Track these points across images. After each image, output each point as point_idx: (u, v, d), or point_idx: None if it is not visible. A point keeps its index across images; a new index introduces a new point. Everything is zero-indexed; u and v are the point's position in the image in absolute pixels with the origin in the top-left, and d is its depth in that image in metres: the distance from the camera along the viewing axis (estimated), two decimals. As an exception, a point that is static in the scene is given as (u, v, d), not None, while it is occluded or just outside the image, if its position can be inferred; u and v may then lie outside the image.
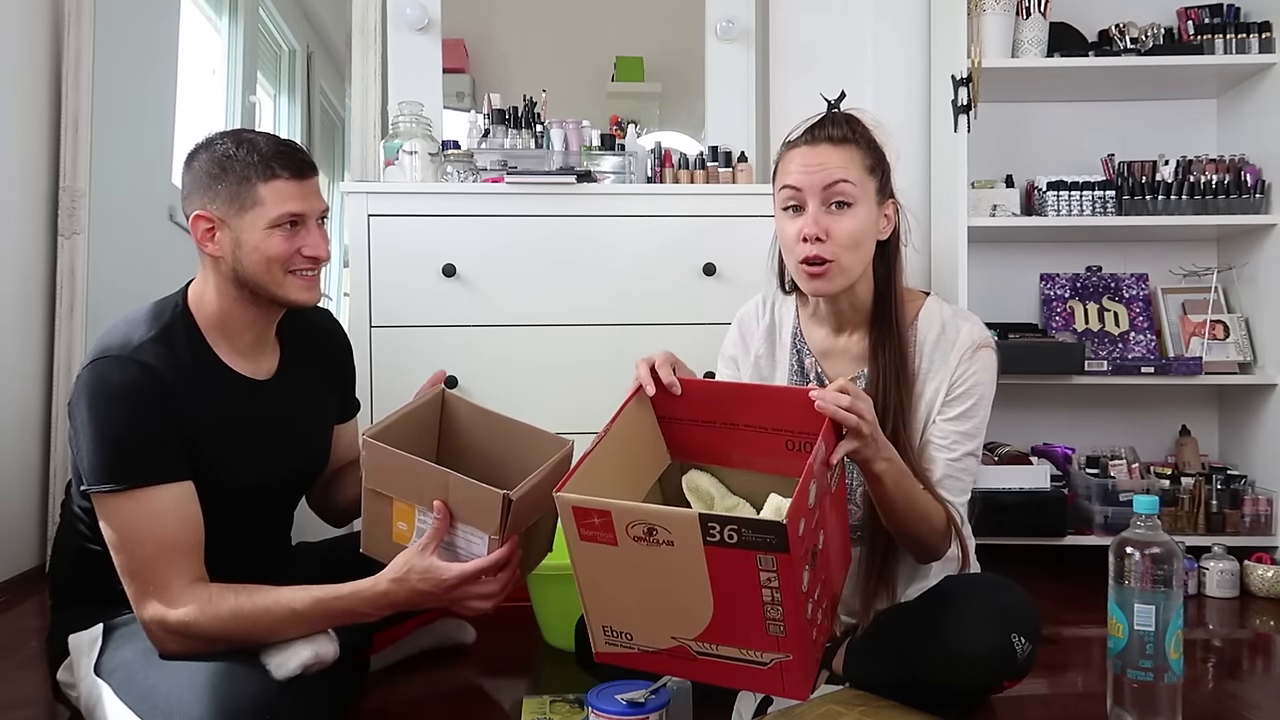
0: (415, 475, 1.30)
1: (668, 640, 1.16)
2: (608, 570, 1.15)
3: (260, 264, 1.34)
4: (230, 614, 1.24)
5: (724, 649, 1.14)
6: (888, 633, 1.37)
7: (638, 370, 1.33)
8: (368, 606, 1.29)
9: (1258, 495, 2.35)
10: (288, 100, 4.24)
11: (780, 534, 1.03)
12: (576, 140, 2.37)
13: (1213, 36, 2.42)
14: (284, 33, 4.15)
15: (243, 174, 1.33)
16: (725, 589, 1.09)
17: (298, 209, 1.35)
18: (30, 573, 2.33)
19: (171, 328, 1.35)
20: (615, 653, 1.21)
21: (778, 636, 1.09)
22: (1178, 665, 1.32)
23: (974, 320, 1.43)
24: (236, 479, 1.38)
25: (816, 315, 1.49)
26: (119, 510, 1.25)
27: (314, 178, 1.40)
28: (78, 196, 2.47)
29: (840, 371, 1.47)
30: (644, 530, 1.09)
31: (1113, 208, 2.44)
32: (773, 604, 1.07)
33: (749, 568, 1.06)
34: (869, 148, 1.38)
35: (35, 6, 2.43)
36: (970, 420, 1.39)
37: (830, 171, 1.33)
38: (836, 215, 1.33)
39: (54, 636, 1.41)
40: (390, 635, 1.69)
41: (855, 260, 1.36)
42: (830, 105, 1.43)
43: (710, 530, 1.06)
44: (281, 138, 1.39)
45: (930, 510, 1.33)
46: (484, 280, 2.17)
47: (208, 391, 1.35)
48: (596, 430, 1.26)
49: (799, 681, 1.13)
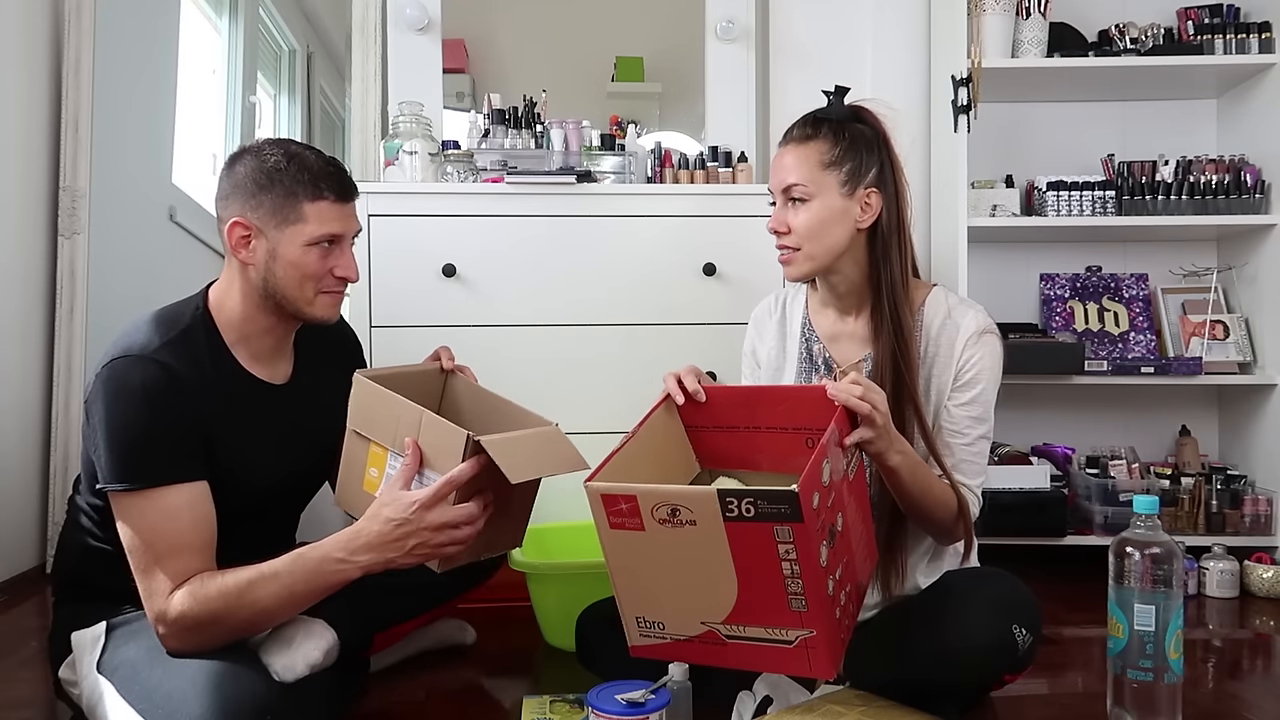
0: (393, 412, 1.31)
1: (698, 626, 1.20)
2: (637, 558, 1.18)
3: (294, 279, 1.37)
4: (216, 593, 1.23)
5: (751, 630, 1.17)
6: (888, 628, 1.38)
7: (665, 382, 1.39)
8: (342, 550, 1.25)
9: (1258, 495, 2.35)
10: (288, 100, 4.24)
11: (793, 502, 1.06)
12: (576, 140, 2.37)
13: (1212, 37, 2.43)
14: (284, 33, 4.15)
15: (290, 189, 1.34)
16: (747, 565, 1.13)
17: (338, 230, 1.38)
18: (30, 573, 2.33)
19: (192, 330, 1.35)
20: (650, 645, 1.24)
21: (800, 612, 1.13)
22: (1178, 665, 1.32)
23: (978, 308, 1.48)
24: (248, 480, 1.39)
25: (821, 298, 1.56)
26: (134, 509, 1.26)
27: (354, 200, 1.42)
28: (78, 196, 2.47)
29: (846, 354, 1.51)
30: (668, 511, 1.13)
31: (1113, 208, 2.45)
32: (793, 577, 1.11)
33: (767, 541, 1.10)
34: (833, 141, 1.44)
35: (35, 6, 2.44)
36: (979, 404, 1.44)
37: (785, 173, 1.45)
38: (794, 209, 1.44)
39: (56, 634, 1.41)
40: (390, 635, 1.69)
41: (818, 248, 1.44)
42: (829, 98, 1.49)
43: (729, 505, 1.10)
44: (329, 156, 1.41)
45: (946, 497, 1.37)
46: (484, 280, 2.17)
47: (224, 394, 1.36)
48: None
49: (824, 659, 1.15)
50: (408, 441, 1.28)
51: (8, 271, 2.32)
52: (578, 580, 1.77)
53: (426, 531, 1.24)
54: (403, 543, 1.25)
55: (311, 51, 4.32)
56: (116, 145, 2.67)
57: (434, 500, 1.24)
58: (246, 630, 1.28)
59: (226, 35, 3.66)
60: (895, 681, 1.34)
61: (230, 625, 1.25)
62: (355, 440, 1.38)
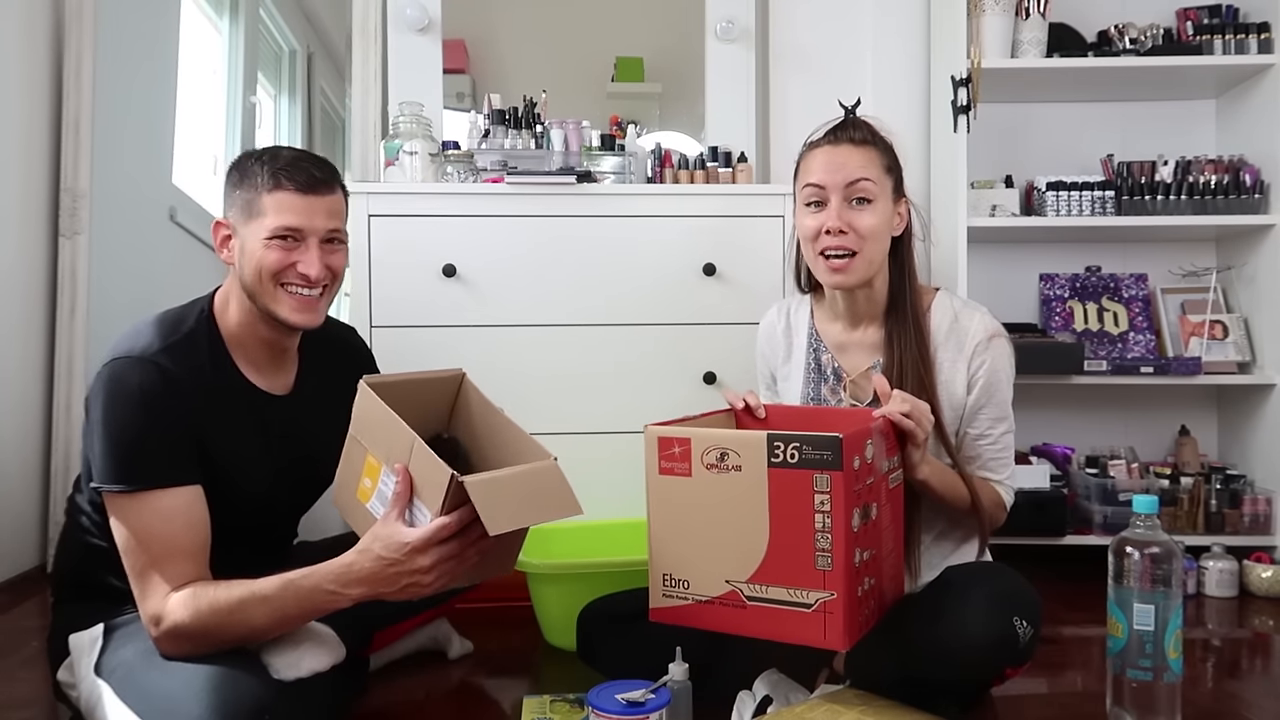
0: (389, 431, 1.27)
1: (722, 585, 1.26)
2: (679, 506, 1.27)
3: (254, 274, 1.34)
4: (209, 608, 1.23)
5: (773, 590, 1.22)
6: (889, 622, 1.38)
7: (724, 395, 1.48)
8: (334, 583, 1.24)
9: (1257, 495, 2.36)
10: (288, 101, 4.25)
11: (836, 448, 1.14)
12: (576, 140, 2.37)
13: (1212, 37, 2.43)
14: (284, 33, 4.15)
15: (254, 183, 1.33)
16: (782, 515, 1.20)
17: (295, 223, 1.33)
18: (30, 573, 2.33)
19: (194, 334, 1.35)
20: (670, 607, 1.30)
21: (825, 571, 1.18)
22: (1177, 665, 1.32)
23: (984, 311, 1.52)
24: (244, 488, 1.38)
25: (832, 311, 1.57)
26: (128, 510, 1.26)
27: (326, 195, 1.37)
28: (79, 197, 2.47)
29: (855, 363, 1.54)
30: (717, 456, 1.22)
31: (1112, 208, 2.45)
32: (823, 531, 1.17)
33: (805, 489, 1.17)
34: (885, 150, 1.49)
35: (36, 7, 2.44)
36: (998, 406, 1.50)
37: (852, 170, 1.44)
38: (858, 210, 1.44)
39: (55, 636, 1.41)
40: (390, 634, 1.69)
41: (875, 252, 1.46)
42: (847, 111, 1.53)
43: (775, 449, 1.18)
44: (313, 154, 1.37)
45: (964, 492, 1.44)
46: (484, 280, 2.17)
47: (223, 401, 1.36)
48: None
49: (840, 628, 1.18)
50: (399, 468, 1.24)
51: (8, 272, 2.32)
52: (578, 580, 1.77)
53: (418, 573, 1.22)
54: (394, 581, 1.23)
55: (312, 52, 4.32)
56: (117, 146, 2.67)
57: (425, 545, 1.20)
58: (239, 643, 1.27)
59: (227, 35, 3.67)
60: (897, 678, 1.34)
61: (222, 639, 1.25)
62: (355, 445, 1.35)
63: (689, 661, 1.33)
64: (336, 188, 1.40)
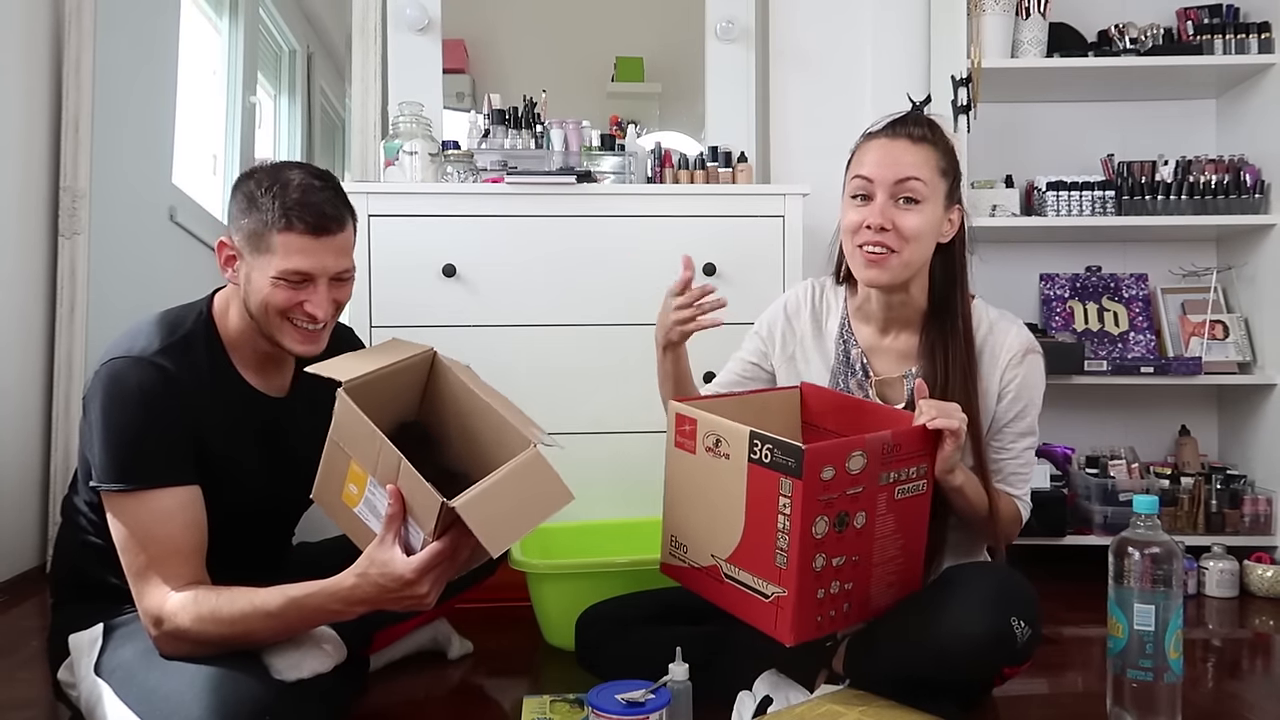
0: (374, 445, 1.24)
1: (708, 558, 1.31)
2: (685, 478, 1.34)
3: (260, 307, 1.33)
4: (210, 616, 1.23)
5: (743, 575, 1.27)
6: (888, 621, 1.37)
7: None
8: (338, 604, 1.23)
9: (1257, 495, 2.36)
10: (288, 101, 4.24)
11: (798, 457, 1.15)
12: (576, 140, 2.37)
13: (1212, 37, 2.43)
14: (284, 33, 4.15)
15: (262, 218, 1.30)
16: (755, 508, 1.23)
17: (305, 267, 1.31)
18: (30, 573, 2.33)
19: (193, 335, 1.35)
20: (673, 565, 1.39)
21: (780, 569, 1.21)
22: (1177, 665, 1.32)
23: (1019, 324, 1.51)
24: (242, 489, 1.38)
25: (864, 311, 1.53)
26: (127, 510, 1.26)
27: (336, 234, 1.33)
28: (78, 197, 2.47)
29: (886, 367, 1.51)
30: (713, 440, 1.27)
31: (1112, 208, 2.45)
32: (783, 532, 1.19)
33: (773, 489, 1.19)
34: (945, 151, 1.43)
35: (36, 6, 2.44)
36: (1025, 420, 1.49)
37: (903, 167, 1.38)
38: (903, 210, 1.39)
39: (55, 636, 1.41)
40: (390, 634, 1.69)
41: (915, 255, 1.41)
42: (915, 106, 1.47)
43: (754, 446, 1.21)
44: (321, 185, 1.32)
45: (986, 502, 1.43)
46: (484, 280, 2.17)
47: (221, 402, 1.36)
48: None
49: (787, 623, 1.21)
50: (390, 489, 1.21)
51: (8, 272, 2.32)
52: (578, 580, 1.77)
53: (418, 595, 1.22)
54: (395, 602, 1.23)
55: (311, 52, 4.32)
56: (117, 145, 2.67)
57: (421, 574, 1.20)
58: (239, 649, 1.27)
59: (227, 35, 3.66)
60: (896, 677, 1.34)
61: (222, 646, 1.25)
62: (337, 450, 1.31)
63: (689, 662, 1.32)
64: (347, 223, 1.36)
